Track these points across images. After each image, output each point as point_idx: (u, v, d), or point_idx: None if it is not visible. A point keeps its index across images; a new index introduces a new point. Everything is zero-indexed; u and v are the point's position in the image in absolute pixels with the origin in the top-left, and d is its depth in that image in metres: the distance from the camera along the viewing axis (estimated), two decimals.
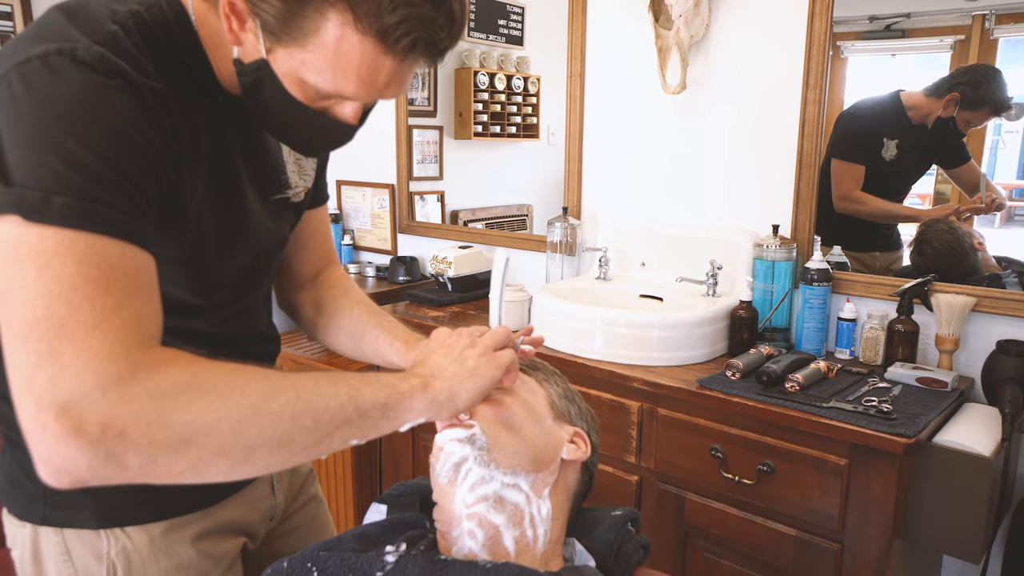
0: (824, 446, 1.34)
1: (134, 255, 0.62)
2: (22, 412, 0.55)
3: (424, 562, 0.72)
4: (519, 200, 2.92)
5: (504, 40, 2.79)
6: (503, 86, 2.73)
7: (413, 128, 2.72)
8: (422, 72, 2.74)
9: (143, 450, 0.56)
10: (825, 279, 1.66)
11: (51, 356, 0.55)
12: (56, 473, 0.56)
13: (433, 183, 2.83)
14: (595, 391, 1.64)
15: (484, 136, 2.76)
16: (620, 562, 0.84)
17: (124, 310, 0.59)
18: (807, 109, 1.70)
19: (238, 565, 0.93)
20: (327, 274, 1.06)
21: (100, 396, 0.55)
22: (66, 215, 0.58)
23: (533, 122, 2.82)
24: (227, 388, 0.59)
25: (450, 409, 0.73)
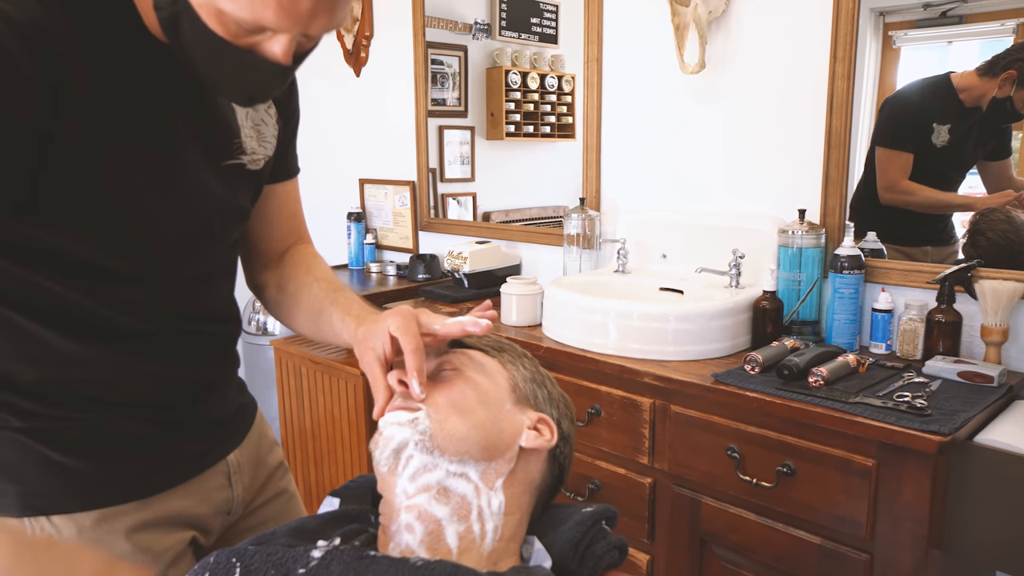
0: (850, 445, 1.21)
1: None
2: None
3: (350, 558, 0.64)
4: (554, 202, 2.83)
5: (537, 39, 2.71)
6: (536, 85, 2.65)
7: (444, 129, 2.67)
8: (452, 72, 2.70)
9: None
10: (857, 267, 1.52)
11: None
12: None
13: (464, 184, 2.77)
14: (605, 387, 1.54)
15: (517, 136, 2.69)
16: (586, 563, 0.74)
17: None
18: (835, 84, 1.58)
19: (185, 561, 0.86)
20: (294, 252, 1.00)
21: None
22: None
23: (568, 122, 2.74)
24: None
25: None
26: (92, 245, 0.71)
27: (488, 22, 2.63)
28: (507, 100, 2.63)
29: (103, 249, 0.72)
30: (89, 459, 0.78)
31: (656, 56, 1.88)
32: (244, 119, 0.85)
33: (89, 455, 0.78)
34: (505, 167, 2.80)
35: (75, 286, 0.73)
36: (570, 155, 2.74)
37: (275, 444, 1.05)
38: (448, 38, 2.62)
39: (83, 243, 0.71)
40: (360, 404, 2.34)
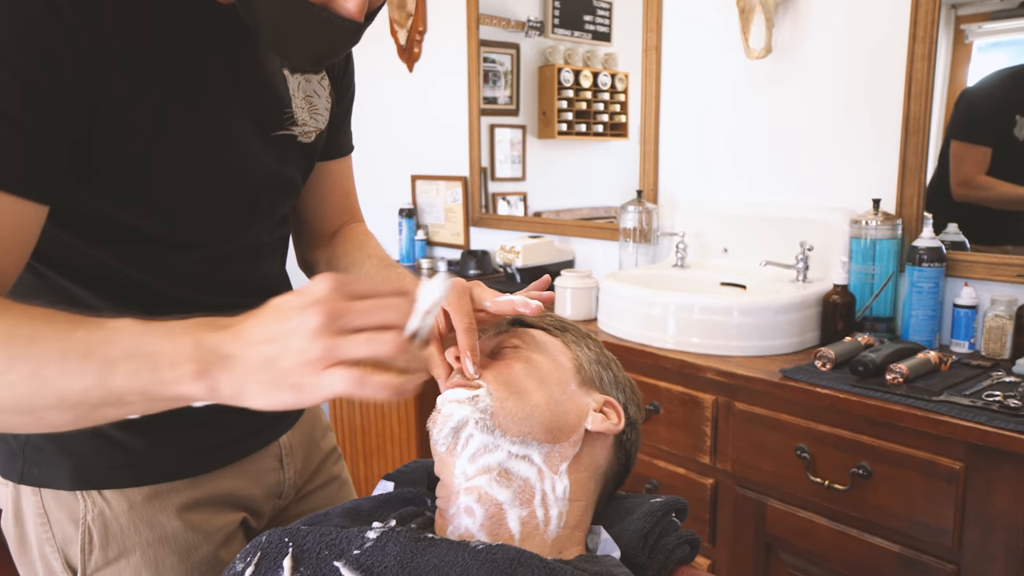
0: (934, 446, 1.13)
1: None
2: None
3: (407, 540, 0.60)
4: (606, 202, 2.77)
5: (591, 36, 2.67)
6: (589, 83, 2.60)
7: (495, 128, 2.65)
8: (504, 70, 2.67)
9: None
10: (937, 259, 1.43)
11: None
12: None
13: (516, 184, 2.73)
14: (664, 383, 1.48)
15: (569, 135, 2.64)
16: (656, 557, 0.69)
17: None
18: (914, 66, 1.48)
19: (236, 543, 0.84)
20: (346, 230, 0.98)
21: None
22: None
23: (622, 121, 2.68)
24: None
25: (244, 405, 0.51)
26: (140, 212, 0.69)
27: (541, 20, 2.59)
28: (559, 99, 2.59)
29: (150, 216, 0.70)
30: (141, 435, 0.76)
31: (718, 42, 1.81)
32: (296, 90, 0.82)
33: (141, 431, 0.76)
34: (556, 166, 2.75)
35: (125, 256, 0.71)
36: (623, 154, 2.68)
37: (328, 429, 1.03)
38: (500, 36, 2.60)
39: (131, 210, 0.69)
40: (410, 399, 2.32)
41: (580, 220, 2.47)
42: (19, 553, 0.79)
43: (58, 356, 0.51)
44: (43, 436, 0.74)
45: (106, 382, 0.51)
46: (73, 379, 0.51)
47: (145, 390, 0.51)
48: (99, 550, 0.75)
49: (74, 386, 0.51)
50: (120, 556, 0.75)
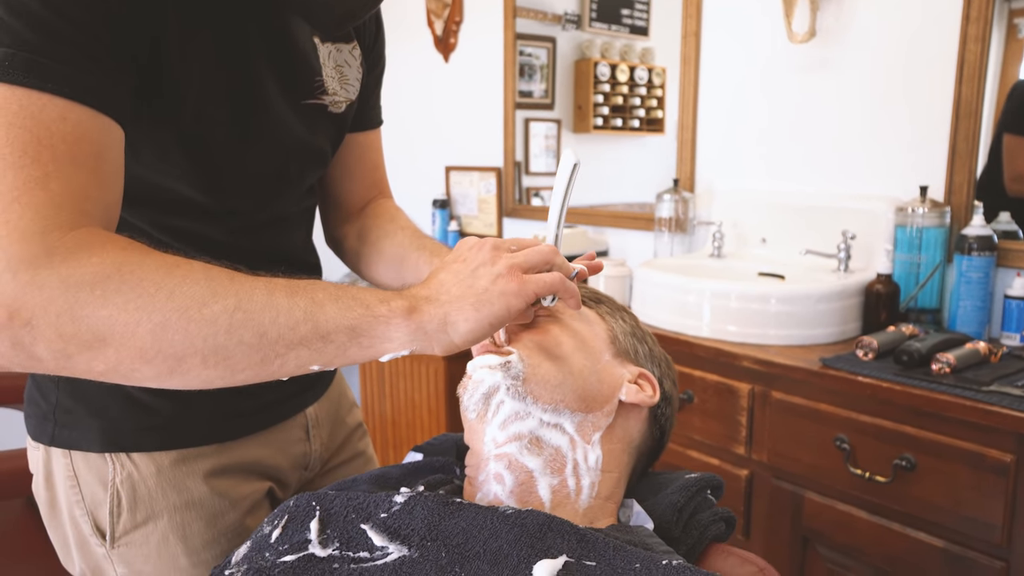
0: (983, 438, 1.08)
1: (80, 119, 0.53)
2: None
3: (435, 504, 0.59)
4: (641, 198, 2.74)
5: (628, 30, 2.63)
6: (625, 78, 2.57)
7: (530, 122, 2.63)
8: (540, 64, 2.65)
9: (52, 343, 0.49)
10: (988, 248, 1.37)
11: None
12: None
13: (549, 178, 2.71)
14: (699, 371, 1.45)
15: (604, 130, 2.61)
16: (690, 533, 0.66)
17: (52, 182, 0.51)
18: (967, 48, 1.43)
19: (262, 511, 0.83)
20: (375, 204, 0.97)
21: (10, 278, 0.48)
22: (5, 68, 0.51)
23: (658, 116, 2.64)
24: (155, 286, 0.50)
25: (442, 342, 0.57)
26: (172, 173, 0.69)
27: (578, 13, 2.57)
28: (595, 93, 2.56)
29: (181, 178, 0.70)
30: (170, 399, 0.76)
31: (760, 27, 1.77)
32: (326, 58, 0.81)
33: (170, 395, 0.76)
34: (591, 161, 2.72)
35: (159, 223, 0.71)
36: (658, 150, 2.64)
37: (354, 405, 1.02)
38: (537, 29, 2.58)
39: (165, 171, 0.68)
40: (440, 389, 2.31)
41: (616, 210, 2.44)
42: (49, 516, 0.79)
43: (264, 292, 0.52)
44: (74, 399, 0.74)
45: (315, 316, 0.52)
46: (280, 313, 0.52)
47: (355, 325, 0.53)
48: (127, 513, 0.75)
49: (281, 319, 0.52)
50: (148, 520, 0.75)
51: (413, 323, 0.55)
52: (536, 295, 0.59)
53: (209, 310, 0.50)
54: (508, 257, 0.60)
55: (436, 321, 0.56)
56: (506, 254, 0.60)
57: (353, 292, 0.56)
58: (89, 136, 0.53)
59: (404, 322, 0.55)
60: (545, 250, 0.63)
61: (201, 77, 0.66)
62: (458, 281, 0.58)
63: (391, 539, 0.58)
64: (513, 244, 0.63)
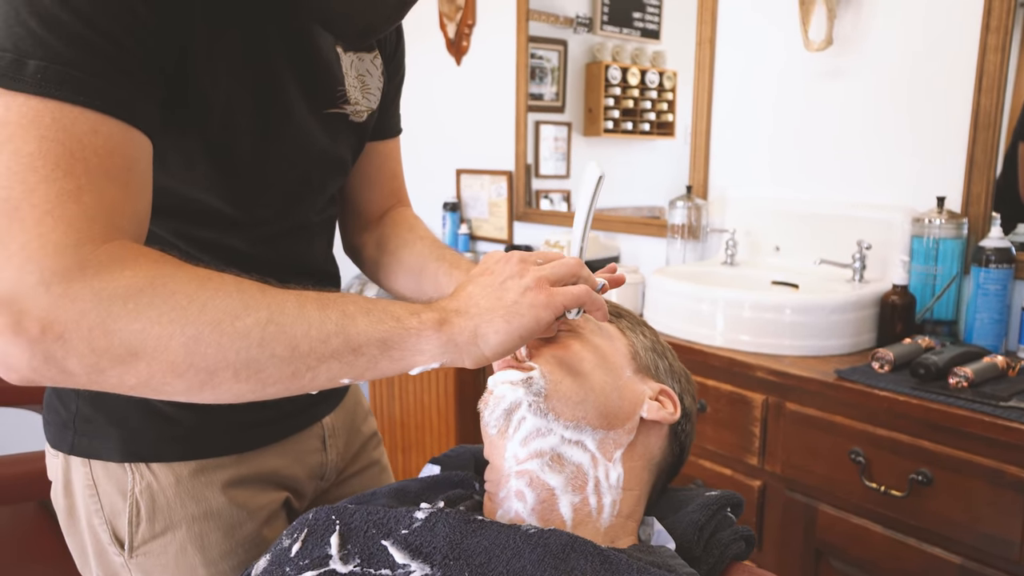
0: (1001, 454, 1.07)
1: (112, 132, 0.53)
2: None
3: (456, 521, 0.59)
4: (651, 202, 2.73)
5: (639, 34, 2.63)
6: (636, 81, 2.56)
7: (540, 124, 2.62)
8: (551, 67, 2.65)
9: (85, 357, 0.49)
10: (1006, 260, 1.36)
11: (1, 243, 0.48)
12: (3, 369, 0.49)
13: (559, 181, 2.71)
14: (712, 381, 1.44)
15: (615, 133, 2.61)
16: (711, 552, 0.66)
17: (85, 195, 0.50)
18: (986, 58, 1.42)
19: (279, 521, 0.83)
20: (394, 213, 0.97)
21: (43, 291, 0.48)
22: (38, 81, 0.50)
23: (668, 120, 2.63)
24: (188, 299, 0.50)
25: (473, 355, 0.57)
26: (197, 183, 0.69)
27: (590, 16, 2.57)
28: (606, 96, 2.55)
29: (206, 188, 0.69)
30: (189, 409, 0.76)
31: (775, 34, 1.76)
32: (348, 68, 0.81)
33: (189, 405, 0.75)
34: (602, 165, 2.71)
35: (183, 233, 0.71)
36: (669, 154, 2.63)
37: (369, 414, 1.02)
38: (548, 32, 2.58)
39: (190, 182, 0.68)
40: (450, 393, 2.31)
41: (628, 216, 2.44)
42: (68, 524, 0.79)
43: (295, 305, 0.52)
44: (94, 407, 0.74)
45: (346, 329, 0.53)
46: (312, 325, 0.52)
47: (386, 338, 0.53)
48: (146, 523, 0.75)
49: (312, 332, 0.52)
50: (166, 530, 0.75)
51: (444, 335, 0.55)
52: (565, 307, 0.59)
53: (242, 323, 0.50)
54: (536, 270, 0.60)
55: (467, 334, 0.56)
56: (533, 267, 0.61)
57: (383, 305, 0.56)
58: (120, 149, 0.53)
59: (435, 335, 0.55)
60: (571, 263, 0.63)
61: (227, 86, 0.66)
62: (487, 294, 0.58)
63: (412, 556, 0.58)
64: (539, 257, 0.63)
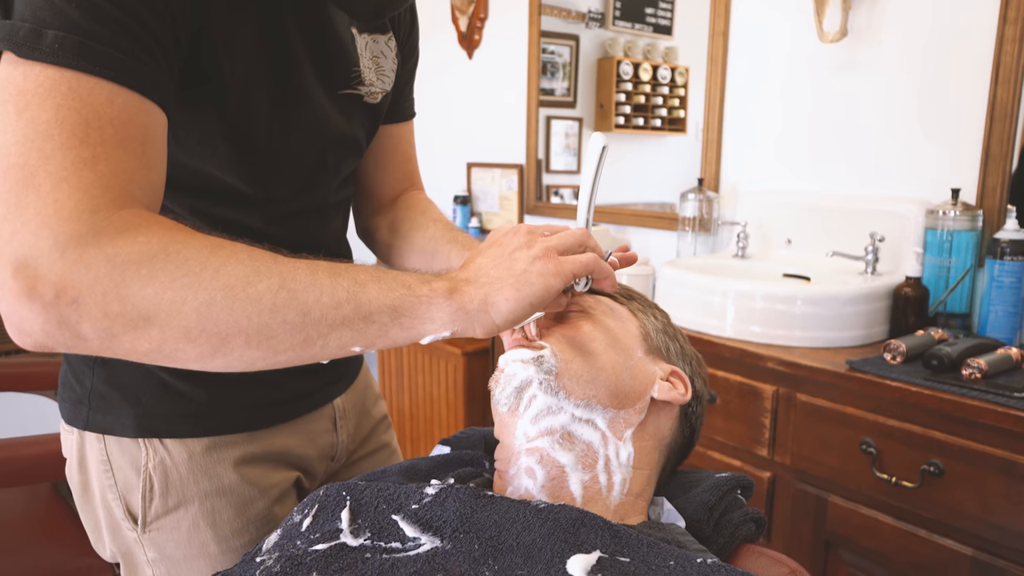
0: (1015, 445, 1.06)
1: (127, 102, 0.54)
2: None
3: (467, 496, 0.59)
4: (662, 198, 2.73)
5: (651, 29, 2.62)
6: (648, 77, 2.55)
7: (551, 119, 2.62)
8: (563, 62, 2.65)
9: (98, 322, 0.49)
10: (1021, 253, 1.35)
11: (17, 208, 0.49)
12: (17, 333, 0.50)
13: (569, 176, 2.71)
14: (723, 372, 1.44)
15: (626, 129, 2.60)
16: (721, 532, 0.66)
17: (100, 163, 0.51)
18: (1003, 49, 1.41)
19: (290, 500, 0.84)
20: (407, 196, 0.97)
21: (57, 256, 0.48)
22: (55, 51, 0.51)
23: (680, 116, 2.62)
24: (200, 265, 0.50)
25: (483, 323, 0.56)
26: (213, 162, 0.69)
27: (602, 11, 2.56)
28: (618, 91, 2.55)
29: (222, 166, 0.70)
30: (202, 386, 0.76)
31: (789, 26, 1.75)
32: (363, 49, 0.81)
33: (202, 383, 0.76)
34: (612, 160, 2.69)
35: (199, 210, 0.72)
36: (680, 150, 2.63)
37: (379, 398, 1.02)
38: (560, 27, 2.57)
39: (206, 159, 0.69)
40: (460, 384, 2.32)
41: (639, 209, 2.43)
42: (82, 500, 0.80)
43: (307, 272, 0.52)
44: (109, 384, 0.75)
45: (357, 296, 0.53)
46: (324, 292, 0.52)
47: (397, 305, 0.54)
48: (159, 498, 0.75)
49: (324, 299, 0.52)
50: (179, 505, 0.76)
51: (454, 303, 0.55)
52: (574, 275, 0.59)
53: (254, 289, 0.50)
54: (544, 240, 0.61)
55: (477, 301, 0.56)
56: (541, 238, 0.61)
57: (394, 274, 0.56)
58: (136, 120, 0.54)
59: (446, 302, 0.55)
60: (578, 233, 0.63)
61: (243, 65, 0.66)
62: (496, 264, 0.59)
63: (423, 530, 0.58)
64: (546, 230, 0.64)
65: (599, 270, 0.62)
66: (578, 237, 0.62)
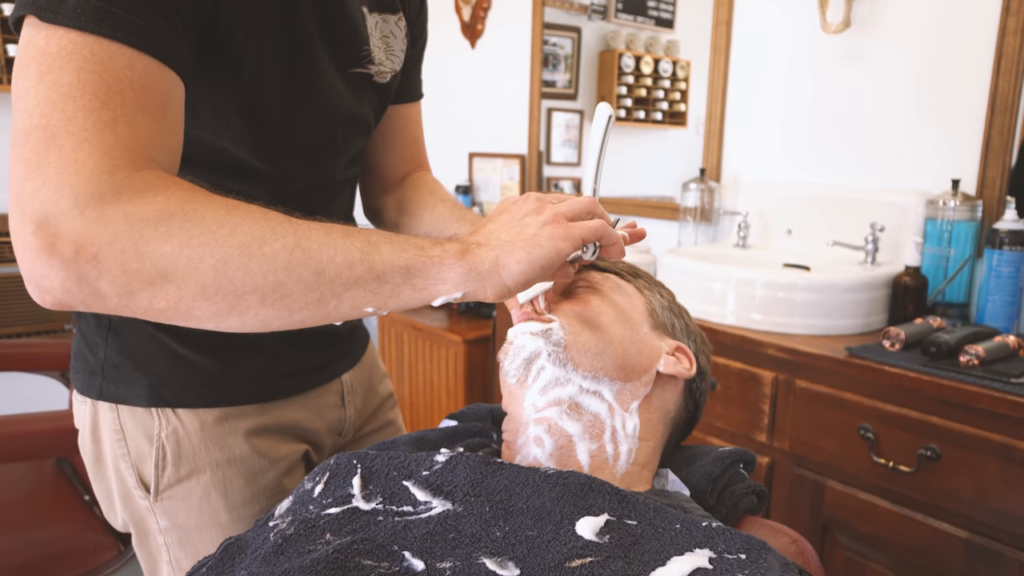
0: (1011, 430, 1.08)
1: (147, 68, 0.55)
2: (11, 223, 0.51)
3: (476, 463, 0.60)
4: (661, 192, 2.74)
5: (654, 22, 2.62)
6: (650, 70, 2.56)
7: (552, 111, 2.63)
8: (564, 54, 2.65)
9: (117, 279, 0.50)
10: (1020, 243, 1.37)
11: (38, 167, 0.50)
12: (37, 291, 0.51)
13: (570, 169, 2.72)
14: (723, 359, 1.45)
15: (627, 122, 2.61)
16: (724, 503, 0.67)
17: (120, 125, 0.52)
18: (1005, 40, 1.42)
19: (298, 472, 0.85)
20: (415, 177, 0.98)
21: (77, 214, 0.49)
22: (78, 15, 0.52)
23: (681, 109, 2.63)
24: (217, 224, 0.51)
25: (495, 284, 0.56)
26: (227, 135, 0.70)
27: (604, 4, 2.56)
28: (619, 84, 2.55)
29: (235, 140, 0.71)
30: (214, 357, 0.78)
31: (793, 16, 1.76)
32: (373, 28, 0.82)
33: (214, 354, 0.78)
34: (613, 153, 2.70)
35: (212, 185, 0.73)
36: (680, 144, 2.64)
37: (385, 376, 1.04)
38: (562, 18, 2.58)
39: (220, 133, 0.70)
40: (460, 372, 2.33)
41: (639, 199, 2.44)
42: (95, 469, 0.81)
43: (321, 232, 0.53)
44: (122, 354, 0.76)
45: (371, 257, 0.53)
46: (338, 252, 0.53)
47: (409, 265, 0.54)
48: (172, 467, 0.77)
49: (338, 259, 0.53)
50: (191, 474, 0.77)
51: (466, 264, 0.56)
52: (583, 240, 0.59)
53: (269, 247, 0.51)
54: (553, 206, 0.61)
55: (488, 263, 0.56)
56: (550, 204, 0.61)
57: (406, 236, 0.57)
58: (155, 86, 0.55)
59: (457, 263, 0.55)
60: (586, 201, 0.63)
61: (257, 40, 0.67)
62: (507, 228, 0.59)
63: (434, 495, 0.59)
64: (554, 198, 0.64)
65: (607, 235, 0.62)
66: (586, 204, 0.63)
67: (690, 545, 0.52)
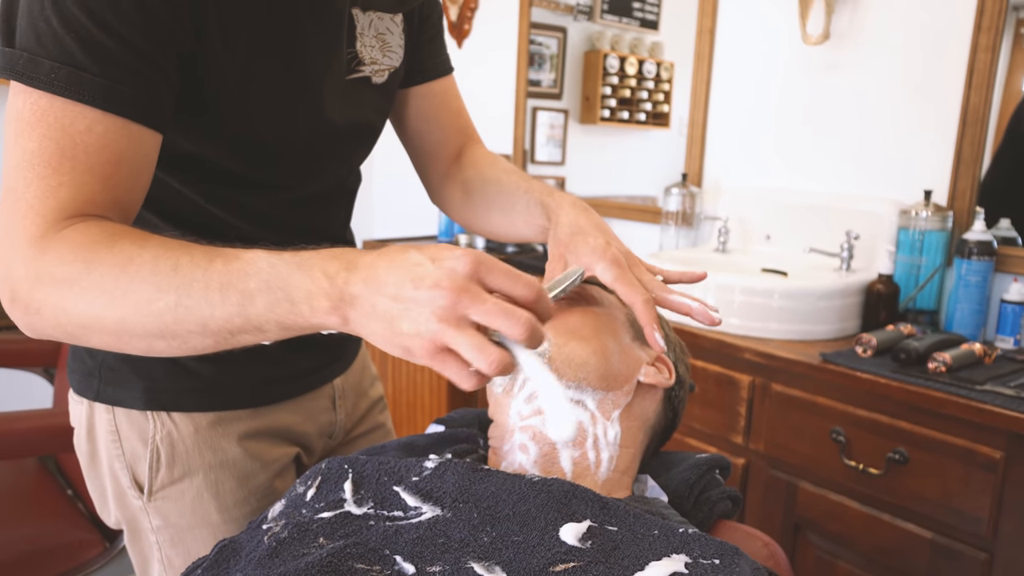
0: (974, 435, 1.13)
1: (108, 128, 0.58)
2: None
3: (465, 469, 0.63)
4: (643, 191, 2.77)
5: (638, 24, 2.65)
6: (634, 71, 2.59)
7: (537, 110, 2.65)
8: (550, 53, 2.67)
9: (56, 328, 0.58)
10: (987, 253, 1.42)
11: (5, 232, 0.58)
12: (20, 326, 0.60)
13: (554, 168, 2.74)
14: (701, 362, 1.49)
15: (611, 122, 2.64)
16: (700, 508, 0.71)
17: (64, 190, 0.57)
18: (977, 57, 1.47)
19: (289, 475, 0.88)
20: (470, 154, 0.97)
21: (22, 276, 0.57)
22: (51, 80, 0.56)
23: (664, 110, 2.67)
24: (112, 284, 0.56)
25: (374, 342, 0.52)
26: (226, 151, 0.72)
27: (590, 4, 2.59)
28: (604, 84, 2.58)
29: (237, 156, 0.72)
30: (210, 363, 0.79)
31: (774, 27, 1.80)
32: (366, 27, 0.82)
33: (210, 359, 0.79)
34: (596, 153, 2.74)
35: (206, 193, 0.74)
36: (663, 145, 2.67)
37: (376, 379, 1.06)
38: (548, 18, 2.60)
39: (219, 149, 0.71)
40: None
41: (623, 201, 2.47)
42: (89, 468, 0.83)
43: (201, 287, 0.55)
44: (119, 358, 0.78)
45: (246, 311, 0.54)
46: (216, 308, 0.54)
47: (282, 320, 0.54)
48: (165, 469, 0.78)
49: (217, 314, 0.54)
50: (184, 476, 0.79)
51: (337, 319, 0.52)
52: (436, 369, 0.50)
53: (155, 306, 0.55)
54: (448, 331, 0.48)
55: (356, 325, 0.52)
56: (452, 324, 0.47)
57: (285, 278, 0.52)
58: (113, 145, 0.59)
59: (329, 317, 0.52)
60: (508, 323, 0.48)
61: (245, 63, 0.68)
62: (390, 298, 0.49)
63: (424, 500, 0.62)
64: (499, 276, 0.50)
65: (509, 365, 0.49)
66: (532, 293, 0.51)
67: (667, 550, 0.55)
